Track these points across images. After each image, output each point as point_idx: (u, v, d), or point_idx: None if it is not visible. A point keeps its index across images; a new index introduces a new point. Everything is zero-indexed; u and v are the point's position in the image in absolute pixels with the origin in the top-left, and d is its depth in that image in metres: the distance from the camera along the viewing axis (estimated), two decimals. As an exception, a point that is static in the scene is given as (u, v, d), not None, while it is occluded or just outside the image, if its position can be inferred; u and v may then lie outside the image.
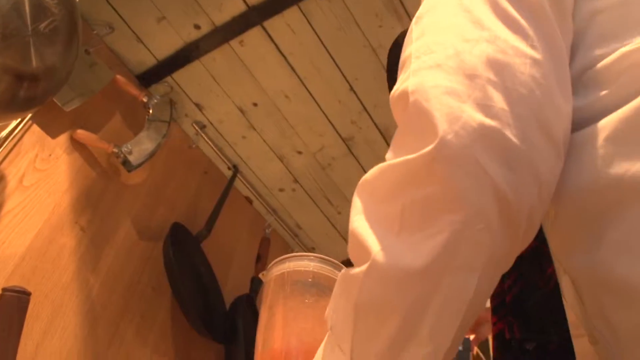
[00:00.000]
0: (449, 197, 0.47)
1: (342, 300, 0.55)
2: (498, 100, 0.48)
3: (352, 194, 2.09)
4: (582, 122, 0.54)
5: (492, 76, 0.50)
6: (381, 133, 1.88)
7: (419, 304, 0.48)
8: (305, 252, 2.28)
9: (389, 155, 0.54)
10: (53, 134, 1.45)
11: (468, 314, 0.49)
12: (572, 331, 0.83)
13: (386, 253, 0.49)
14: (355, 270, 0.51)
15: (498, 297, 0.82)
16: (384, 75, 1.72)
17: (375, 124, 1.86)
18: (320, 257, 0.89)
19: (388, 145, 1.98)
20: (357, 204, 0.55)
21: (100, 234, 1.49)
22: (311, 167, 2.02)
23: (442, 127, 0.47)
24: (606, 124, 0.52)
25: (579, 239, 0.55)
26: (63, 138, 1.47)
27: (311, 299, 0.81)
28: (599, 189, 0.52)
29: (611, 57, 0.54)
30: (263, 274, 0.87)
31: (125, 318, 1.48)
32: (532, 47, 0.52)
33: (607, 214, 0.51)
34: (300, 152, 1.98)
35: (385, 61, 1.69)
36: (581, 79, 0.55)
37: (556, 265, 0.68)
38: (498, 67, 0.50)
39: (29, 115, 1.36)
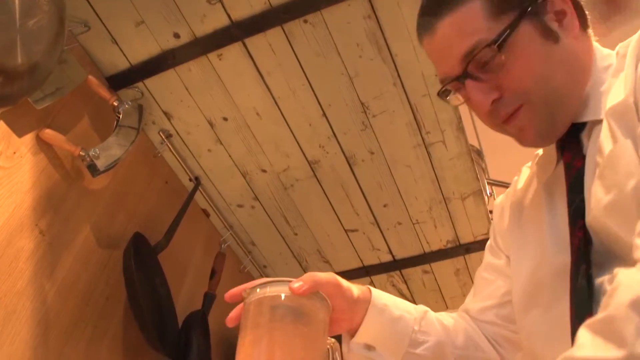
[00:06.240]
0: None
1: None
2: None
3: (310, 216, 2.13)
4: None
5: None
6: (347, 160, 1.90)
7: None
8: (258, 269, 2.27)
9: None
10: (19, 132, 1.39)
11: None
12: None
13: None
14: None
15: None
16: (358, 103, 1.76)
17: (342, 150, 1.88)
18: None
19: (352, 172, 1.99)
20: None
21: (59, 239, 1.43)
22: (273, 186, 2.01)
23: None
24: None
25: None
26: (29, 137, 1.42)
27: (303, 328, 0.82)
28: None
29: None
30: (247, 292, 0.85)
31: (78, 327, 1.42)
32: None
33: None
34: (264, 170, 1.97)
35: (360, 91, 1.72)
36: None
37: None
38: None
39: (-1, 111, 1.31)
